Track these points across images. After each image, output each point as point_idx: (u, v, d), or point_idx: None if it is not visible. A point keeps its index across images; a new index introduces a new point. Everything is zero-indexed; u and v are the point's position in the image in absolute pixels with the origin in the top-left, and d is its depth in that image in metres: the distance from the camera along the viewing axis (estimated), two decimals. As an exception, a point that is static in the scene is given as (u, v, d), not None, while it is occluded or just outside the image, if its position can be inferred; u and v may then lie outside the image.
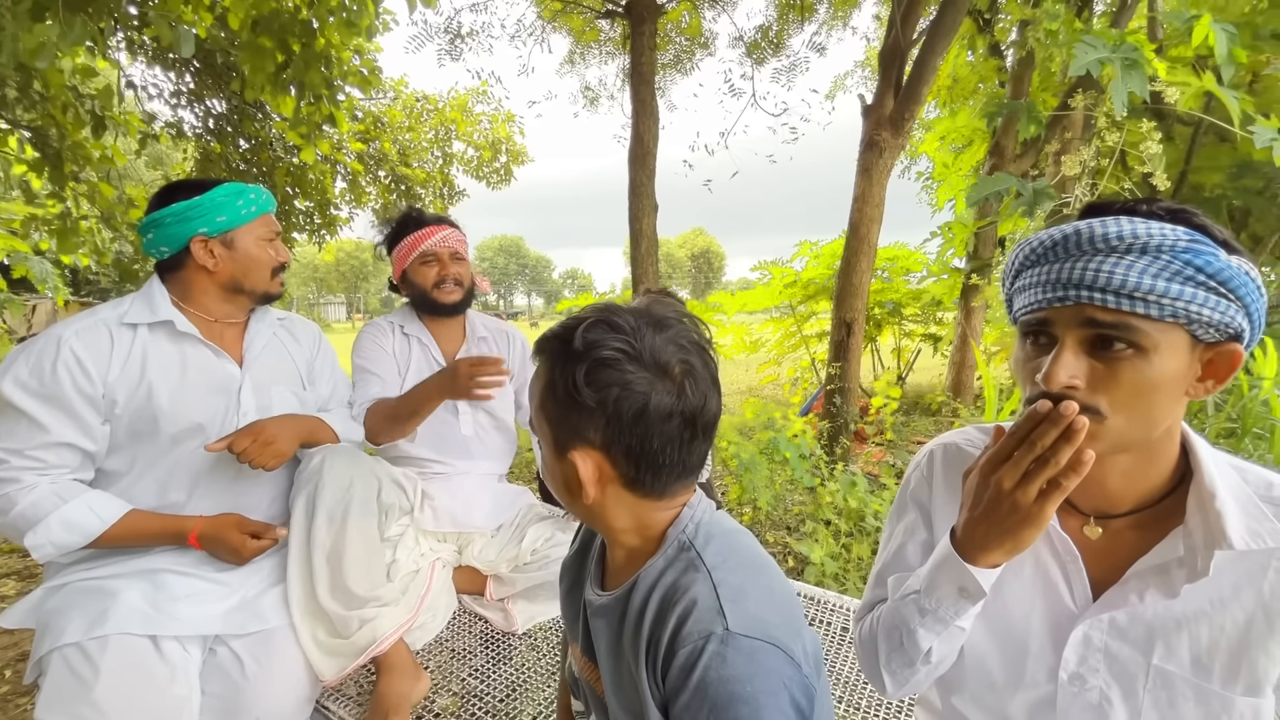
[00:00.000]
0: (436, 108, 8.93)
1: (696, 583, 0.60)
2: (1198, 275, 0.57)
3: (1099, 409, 0.61)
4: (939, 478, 0.83)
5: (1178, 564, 0.64)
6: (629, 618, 0.65)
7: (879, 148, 3.59)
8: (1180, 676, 0.64)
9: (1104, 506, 0.69)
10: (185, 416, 1.19)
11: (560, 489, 0.67)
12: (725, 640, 0.56)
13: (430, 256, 1.60)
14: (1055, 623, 0.71)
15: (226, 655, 1.11)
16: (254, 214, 1.27)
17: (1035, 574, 0.73)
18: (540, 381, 0.64)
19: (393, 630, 1.25)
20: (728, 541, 0.67)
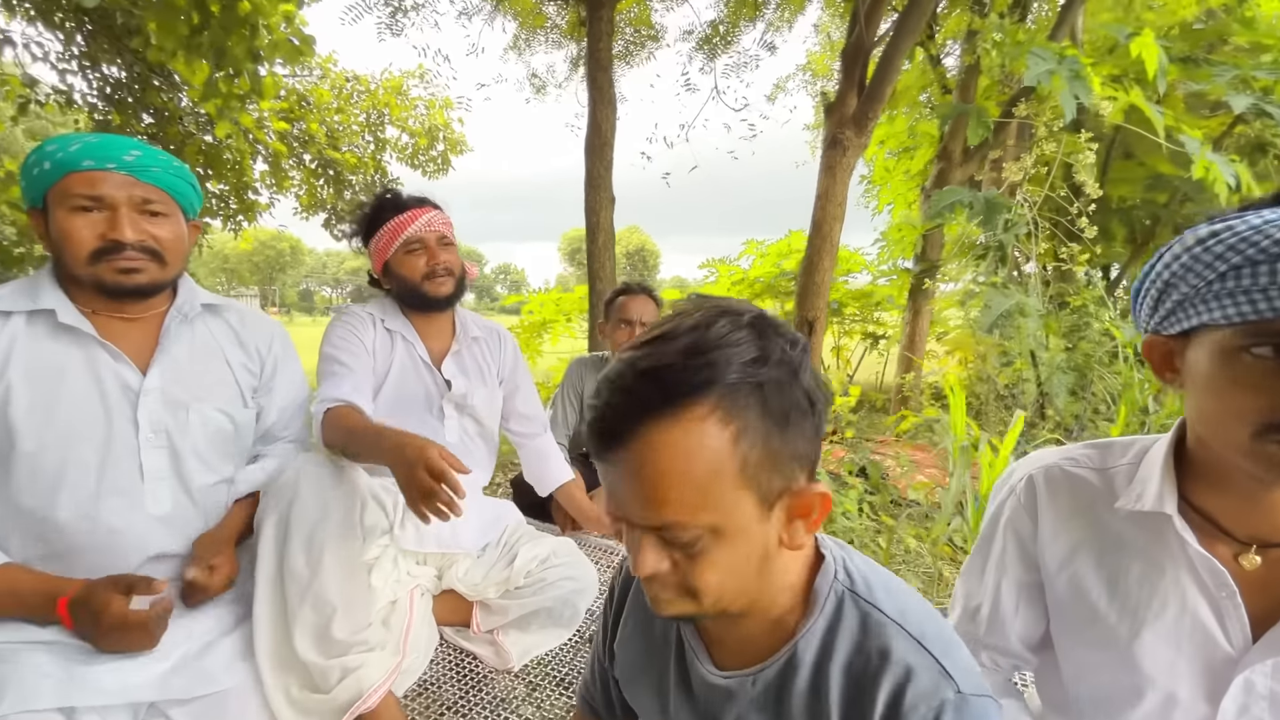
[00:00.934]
0: (368, 89, 8.39)
1: (894, 643, 0.51)
2: None
3: None
4: (1045, 507, 0.73)
5: (1357, 599, 0.56)
6: (795, 697, 0.53)
7: (842, 146, 3.59)
8: (1363, 724, 0.57)
9: (1268, 533, 0.61)
10: (53, 436, 0.91)
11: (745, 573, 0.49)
12: (960, 707, 0.48)
13: (416, 244, 1.37)
14: (1209, 669, 0.63)
15: (166, 732, 0.89)
16: (50, 174, 0.92)
17: (1182, 613, 0.64)
18: (727, 439, 0.45)
19: (382, 680, 1.05)
20: (883, 578, 0.57)
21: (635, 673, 0.65)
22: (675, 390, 0.44)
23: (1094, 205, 4.20)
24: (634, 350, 0.47)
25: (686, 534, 0.46)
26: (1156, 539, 0.65)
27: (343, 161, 7.77)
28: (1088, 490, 0.71)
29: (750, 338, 0.46)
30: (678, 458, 0.44)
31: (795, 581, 0.55)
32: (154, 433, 0.99)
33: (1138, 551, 0.67)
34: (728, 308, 0.48)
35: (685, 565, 0.48)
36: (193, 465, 1.03)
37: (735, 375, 0.44)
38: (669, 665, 0.61)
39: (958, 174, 4.83)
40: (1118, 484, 0.69)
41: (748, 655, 0.56)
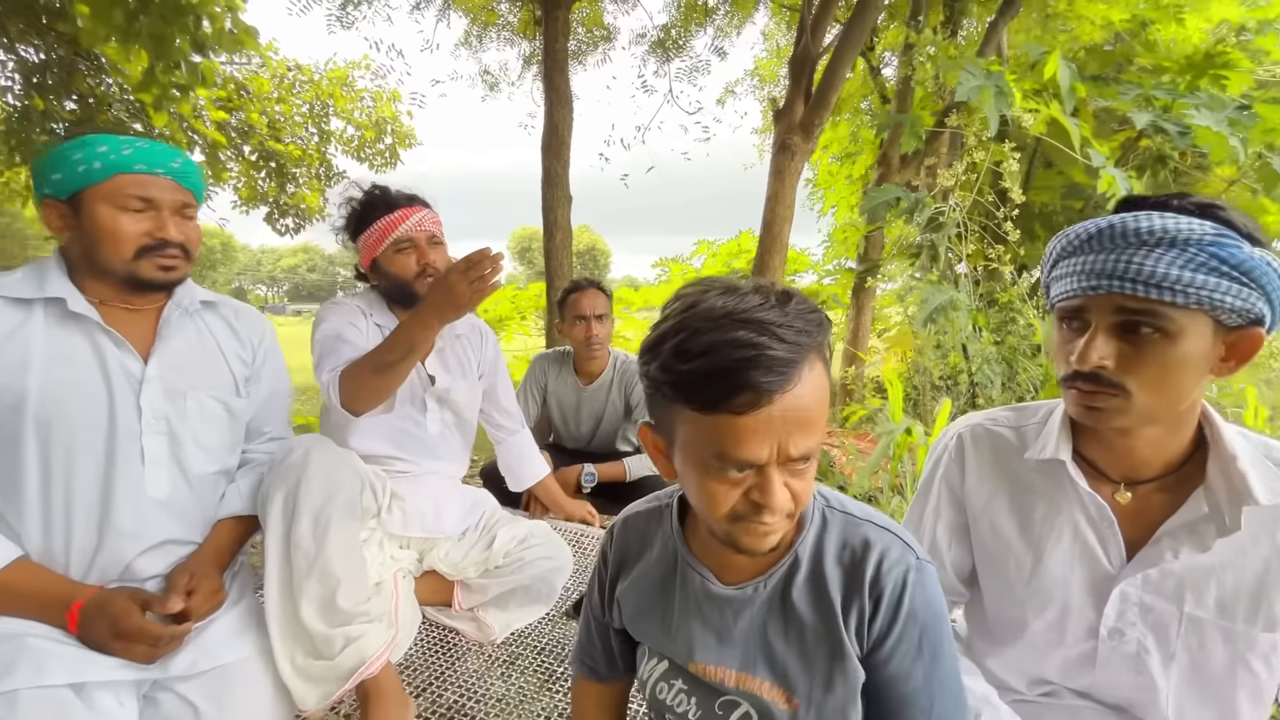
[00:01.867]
0: (311, 79, 8.13)
1: (868, 531, 0.64)
2: (1222, 266, 0.64)
3: (1126, 387, 0.68)
4: (970, 459, 0.87)
5: (1205, 521, 0.72)
6: (799, 592, 0.64)
7: (791, 150, 3.77)
8: (1209, 621, 0.73)
9: (1132, 474, 0.77)
10: (61, 421, 0.95)
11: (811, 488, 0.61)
12: (920, 569, 0.62)
13: (406, 243, 1.39)
14: (1094, 583, 0.77)
15: (174, 703, 0.92)
16: (99, 172, 0.98)
17: (1074, 540, 0.79)
18: (824, 375, 0.56)
19: (381, 649, 1.11)
20: (841, 496, 0.70)
21: (643, 610, 0.73)
22: (811, 341, 0.54)
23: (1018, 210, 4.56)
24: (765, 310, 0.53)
25: (811, 456, 0.56)
26: (1055, 482, 0.80)
27: (285, 154, 7.52)
28: (1005, 445, 0.85)
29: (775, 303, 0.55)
30: (821, 389, 0.55)
31: None
32: (155, 418, 1.03)
33: (1041, 493, 0.81)
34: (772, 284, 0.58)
35: (797, 486, 0.57)
36: (191, 451, 1.07)
37: (820, 335, 0.55)
38: (675, 593, 0.71)
39: (896, 179, 5.12)
40: (1028, 439, 0.84)
41: (753, 567, 0.67)
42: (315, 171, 8.03)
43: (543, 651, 1.37)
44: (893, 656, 0.61)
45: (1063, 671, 0.81)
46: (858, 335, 5.25)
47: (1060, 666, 0.81)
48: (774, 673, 0.65)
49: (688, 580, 0.70)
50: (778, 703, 0.64)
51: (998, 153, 4.66)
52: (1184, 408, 0.71)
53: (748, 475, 0.56)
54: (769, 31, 7.94)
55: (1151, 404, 0.69)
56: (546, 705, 1.20)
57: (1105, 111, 5.77)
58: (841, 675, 0.62)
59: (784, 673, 0.64)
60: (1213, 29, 5.53)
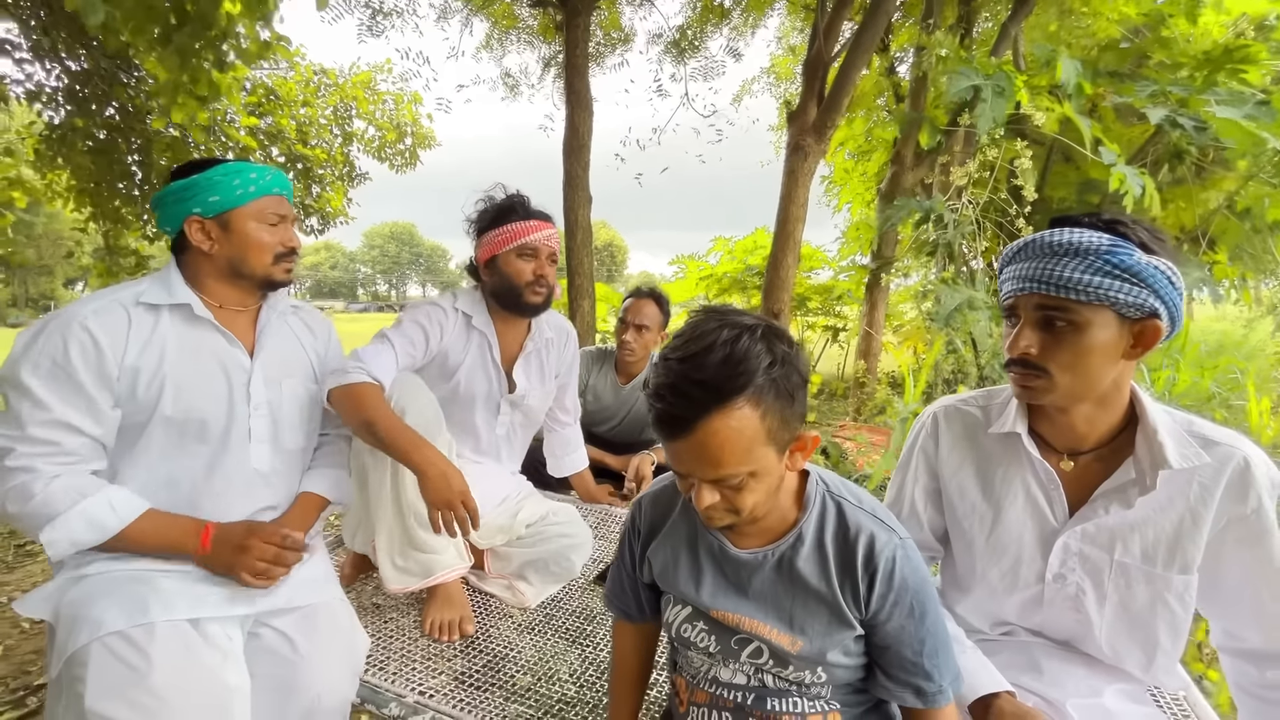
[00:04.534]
0: (336, 83, 8.39)
1: (861, 518, 0.79)
2: (1115, 270, 0.79)
3: (1048, 370, 0.84)
4: (944, 433, 1.03)
5: (1132, 484, 0.86)
6: (803, 561, 0.80)
7: (804, 152, 3.90)
8: (1134, 566, 0.87)
9: (1073, 445, 0.91)
10: (192, 406, 1.15)
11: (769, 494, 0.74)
12: (904, 545, 0.78)
13: (530, 251, 1.52)
14: (1042, 536, 0.92)
15: (273, 635, 1.11)
16: (252, 195, 1.21)
17: (1026, 500, 0.94)
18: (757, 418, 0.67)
19: (453, 565, 1.42)
20: (842, 480, 0.85)
21: (671, 566, 0.89)
22: (722, 394, 0.66)
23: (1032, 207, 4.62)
24: (682, 361, 0.68)
25: (735, 479, 0.70)
26: (1013, 452, 0.95)
27: (312, 157, 7.78)
28: (973, 421, 1.00)
29: (765, 349, 0.68)
30: (729, 437, 0.67)
31: (792, 488, 0.82)
32: (260, 403, 1.22)
33: (1001, 461, 0.96)
34: (743, 325, 0.70)
35: (732, 496, 0.72)
36: (286, 430, 1.27)
37: (761, 378, 0.67)
38: (699, 552, 0.86)
39: (910, 176, 5.22)
40: (992, 416, 0.99)
41: (764, 538, 0.82)
42: (339, 173, 8.29)
43: (574, 614, 1.54)
44: (891, 618, 0.77)
45: (1018, 612, 0.97)
46: (871, 330, 5.35)
47: (1016, 608, 0.96)
48: (781, 622, 0.80)
49: (708, 542, 0.86)
50: (784, 644, 0.80)
51: (1011, 150, 4.75)
52: (1104, 388, 0.86)
53: (689, 480, 0.74)
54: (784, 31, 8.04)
55: (1071, 383, 0.84)
56: (577, 657, 1.37)
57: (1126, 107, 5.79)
58: (836, 627, 0.78)
59: (789, 622, 0.80)
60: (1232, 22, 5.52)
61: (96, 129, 5.25)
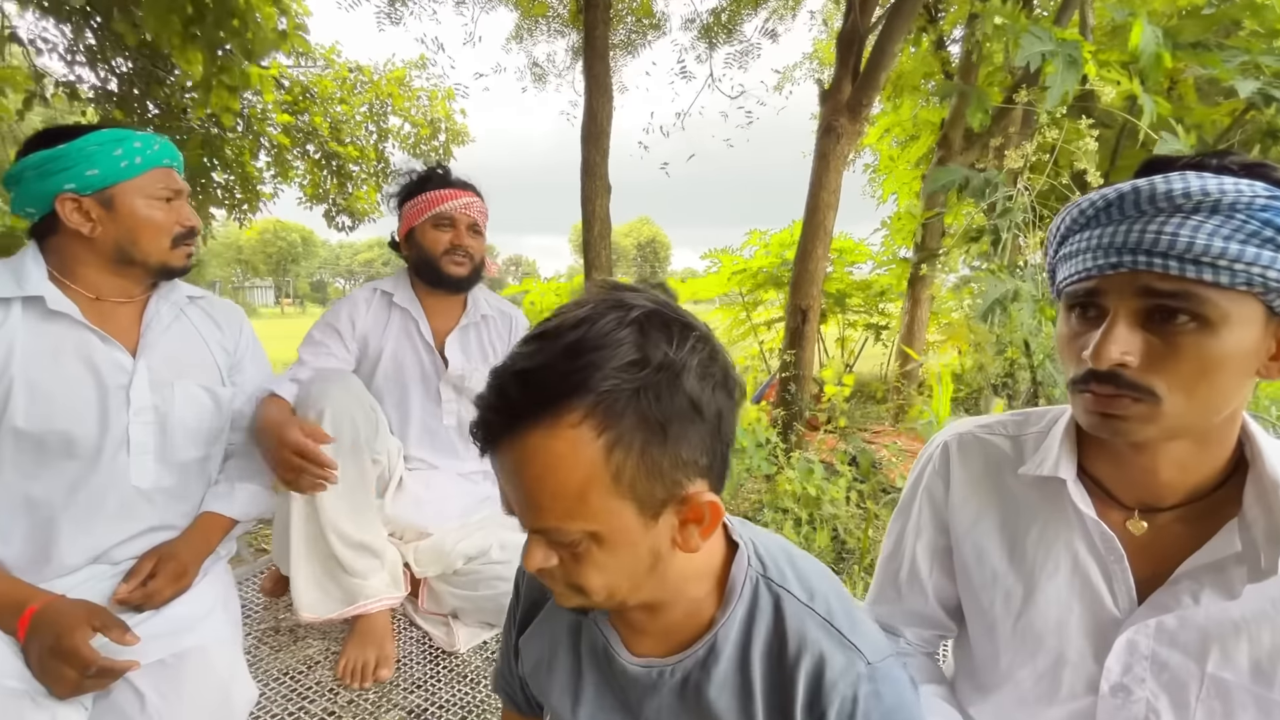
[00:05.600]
0: (371, 80, 8.43)
1: (808, 627, 0.52)
2: (1278, 237, 0.50)
3: (1154, 390, 0.54)
4: (957, 471, 0.75)
5: (1235, 561, 0.58)
6: (716, 688, 0.53)
7: (836, 133, 3.57)
8: (1238, 685, 0.58)
9: (1151, 499, 0.63)
10: (51, 416, 0.96)
11: (634, 574, 0.49)
12: (873, 677, 0.51)
13: (446, 220, 1.42)
14: (1097, 629, 0.64)
15: (124, 691, 0.92)
16: (140, 166, 1.03)
17: (1073, 575, 0.65)
18: (599, 449, 0.43)
19: (381, 594, 1.24)
20: (792, 559, 0.58)
21: (545, 665, 0.64)
22: (548, 396, 0.43)
23: (1098, 193, 4.13)
24: (520, 346, 0.46)
25: (566, 538, 0.46)
26: (1054, 504, 0.67)
27: (344, 154, 7.83)
28: (997, 456, 0.73)
29: (631, 337, 0.43)
30: (551, 466, 0.43)
31: (708, 569, 0.55)
32: (141, 409, 1.04)
33: (1036, 515, 0.68)
34: (619, 300, 0.46)
35: (571, 564, 0.48)
36: (178, 440, 1.09)
37: (611, 381, 0.42)
38: (581, 653, 0.61)
39: (958, 161, 4.78)
40: (1026, 450, 0.71)
41: (669, 643, 0.56)
42: (373, 169, 8.33)
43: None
44: None
45: (1058, 730, 0.69)
46: (913, 329, 4.96)
47: (1055, 724, 0.68)
48: None
49: (594, 640, 0.60)
50: None
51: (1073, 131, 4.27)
52: (1222, 418, 0.57)
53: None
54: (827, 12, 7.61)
55: (1185, 412, 0.55)
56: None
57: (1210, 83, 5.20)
58: None
59: None
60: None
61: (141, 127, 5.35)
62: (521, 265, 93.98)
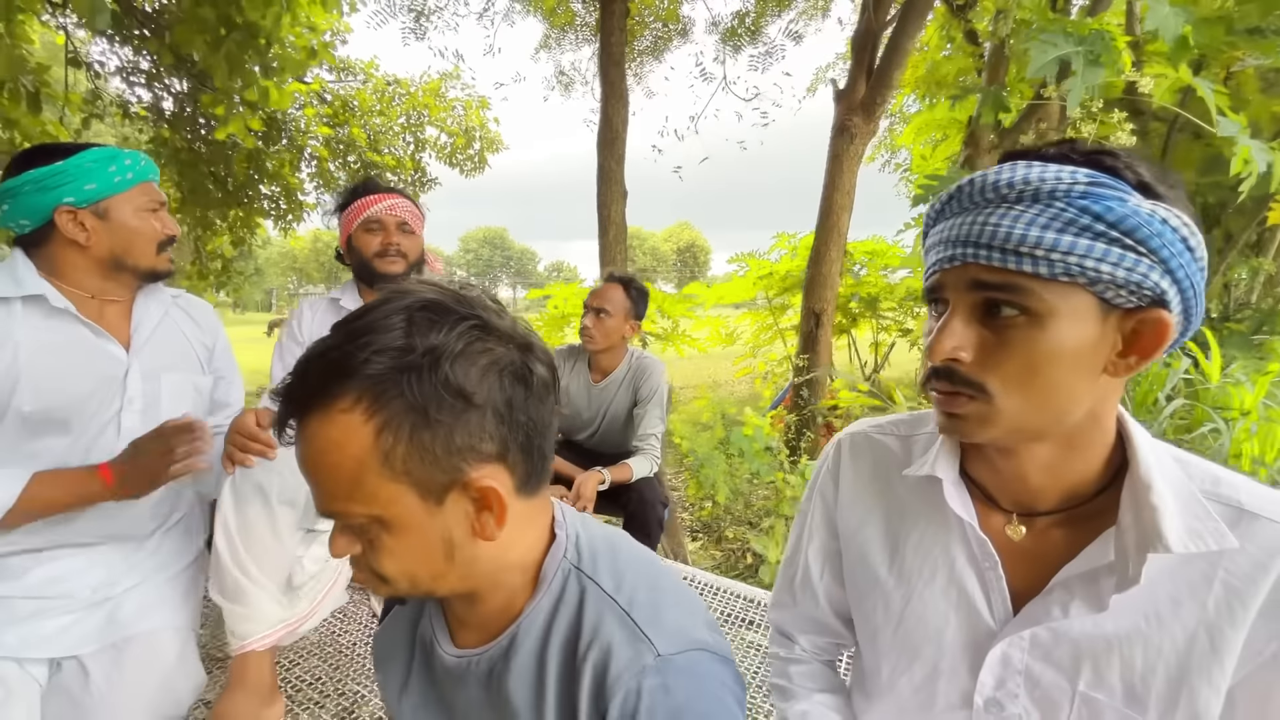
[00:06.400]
0: (408, 92, 8.70)
1: (605, 617, 0.51)
2: (1096, 224, 0.47)
3: (986, 386, 0.52)
4: (846, 471, 0.73)
5: (1108, 571, 0.54)
6: (515, 679, 0.53)
7: (850, 133, 3.50)
8: (1110, 707, 0.55)
9: (1028, 502, 0.59)
10: (53, 405, 1.05)
11: (430, 561, 0.49)
12: (661, 669, 0.49)
13: (375, 223, 1.50)
14: (972, 640, 0.61)
15: (71, 671, 0.99)
16: (130, 181, 1.13)
17: (950, 582, 0.62)
18: (369, 432, 0.45)
19: (259, 636, 1.15)
20: (615, 553, 0.58)
21: (386, 658, 0.64)
22: (324, 380, 0.45)
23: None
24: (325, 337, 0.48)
25: (354, 522, 0.47)
26: (935, 507, 0.64)
27: (382, 163, 8.09)
28: (886, 457, 0.70)
29: (402, 324, 0.45)
30: (328, 449, 0.45)
31: (525, 560, 0.55)
32: (134, 397, 1.13)
33: (917, 519, 0.65)
34: (403, 291, 0.47)
35: (369, 552, 0.48)
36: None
37: (375, 366, 0.44)
38: (415, 650, 0.62)
39: (986, 159, 4.61)
40: (915, 451, 0.68)
41: (483, 634, 0.56)
42: (409, 178, 8.58)
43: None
44: None
45: (942, 745, 0.65)
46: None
47: (937, 739, 0.65)
48: None
49: (424, 633, 0.60)
50: None
51: (1108, 125, 4.07)
52: (1074, 418, 0.54)
53: None
54: (858, 12, 7.48)
55: (1022, 411, 0.53)
56: None
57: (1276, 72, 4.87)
58: None
59: None
60: None
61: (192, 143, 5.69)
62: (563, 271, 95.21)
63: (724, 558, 2.77)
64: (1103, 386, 0.52)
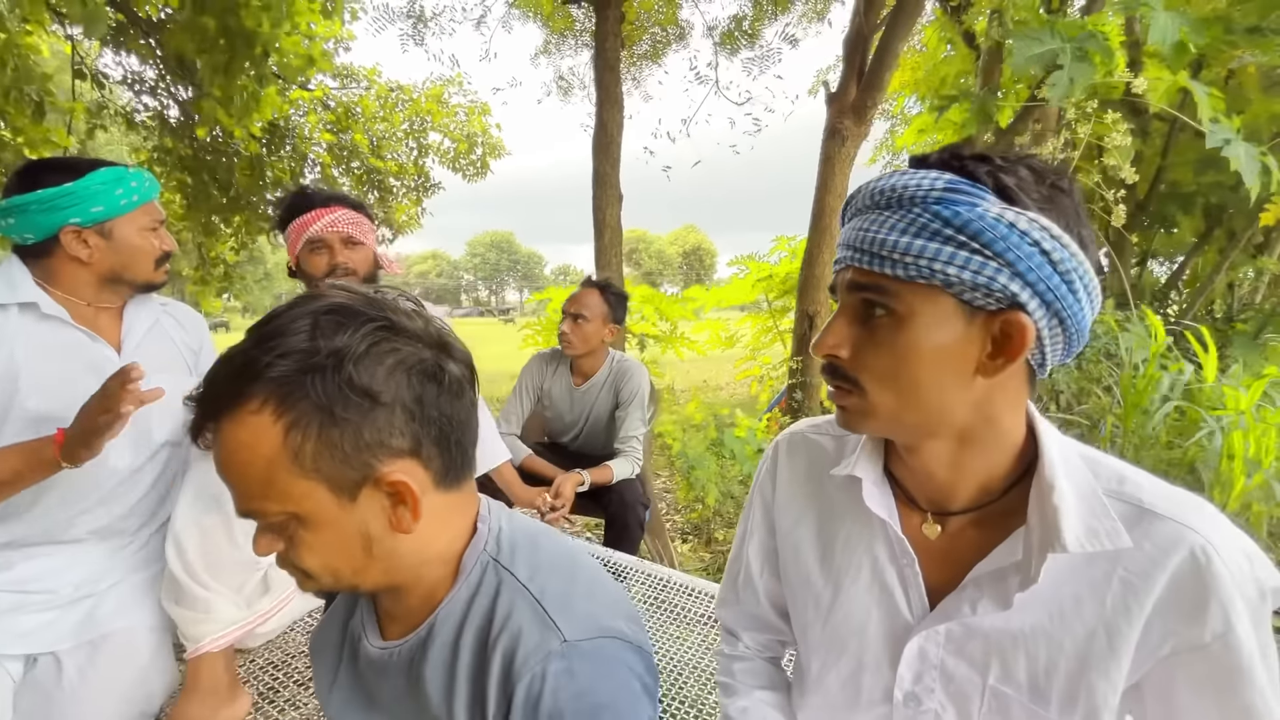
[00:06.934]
0: (411, 98, 8.79)
1: (516, 605, 0.53)
2: (945, 229, 0.49)
3: (860, 381, 0.55)
4: (783, 470, 0.74)
5: (1014, 569, 0.55)
6: (430, 668, 0.55)
7: (841, 136, 3.51)
8: (1017, 701, 0.56)
9: (940, 500, 0.61)
10: (58, 407, 1.07)
11: (349, 555, 0.51)
12: (566, 654, 0.51)
13: (318, 243, 1.41)
14: (892, 635, 0.62)
15: (45, 666, 1.01)
16: (135, 203, 1.17)
17: (872, 579, 0.64)
18: (278, 432, 0.46)
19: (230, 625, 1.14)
20: (535, 546, 0.59)
21: (318, 651, 0.66)
22: (234, 384, 0.47)
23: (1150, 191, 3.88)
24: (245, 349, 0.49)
25: (271, 519, 0.49)
26: (860, 505, 0.65)
27: (384, 169, 8.17)
28: (820, 456, 0.72)
29: (307, 327, 0.47)
30: (239, 450, 0.47)
31: (447, 553, 0.57)
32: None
33: (845, 517, 0.67)
34: (313, 295, 0.50)
35: (290, 549, 0.50)
36: (154, 425, 1.21)
37: (280, 367, 0.46)
38: (345, 645, 0.64)
39: (983, 162, 4.61)
40: (845, 451, 0.70)
41: (406, 626, 0.58)
42: (412, 184, 8.65)
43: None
44: None
45: (869, 739, 0.66)
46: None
47: (863, 733, 0.66)
48: None
49: (354, 627, 0.62)
50: None
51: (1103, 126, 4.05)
52: (960, 416, 0.55)
53: None
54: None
55: (893, 406, 0.55)
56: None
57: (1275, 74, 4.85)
58: None
59: None
60: None
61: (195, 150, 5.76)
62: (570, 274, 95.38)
63: (713, 559, 2.79)
64: (985, 387, 0.53)
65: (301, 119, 7.44)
